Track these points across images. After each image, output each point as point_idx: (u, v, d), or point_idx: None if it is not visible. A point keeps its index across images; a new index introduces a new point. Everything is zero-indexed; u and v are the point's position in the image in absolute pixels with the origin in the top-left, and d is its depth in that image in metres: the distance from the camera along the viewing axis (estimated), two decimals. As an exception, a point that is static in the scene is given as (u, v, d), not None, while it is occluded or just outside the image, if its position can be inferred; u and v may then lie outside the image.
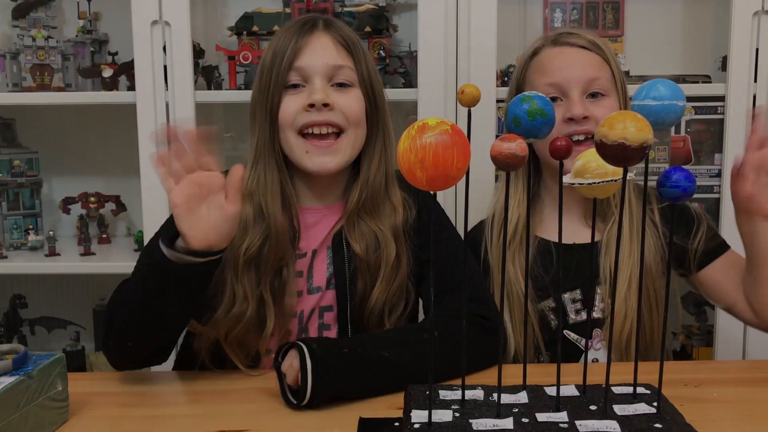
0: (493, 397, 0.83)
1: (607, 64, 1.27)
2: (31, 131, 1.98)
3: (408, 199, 1.20)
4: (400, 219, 1.17)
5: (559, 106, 1.25)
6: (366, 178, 1.17)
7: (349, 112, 1.14)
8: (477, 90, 0.74)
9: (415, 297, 1.19)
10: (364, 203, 1.16)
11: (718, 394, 1.02)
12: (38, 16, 1.81)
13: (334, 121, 1.12)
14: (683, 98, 0.74)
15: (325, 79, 1.14)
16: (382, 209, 1.17)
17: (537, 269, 1.26)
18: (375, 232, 1.15)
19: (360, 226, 1.16)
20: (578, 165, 0.81)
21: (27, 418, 0.84)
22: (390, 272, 1.15)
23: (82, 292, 2.05)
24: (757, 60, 1.63)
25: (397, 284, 1.15)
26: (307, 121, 1.12)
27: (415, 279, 1.19)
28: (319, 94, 1.11)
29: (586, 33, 1.30)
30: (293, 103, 1.13)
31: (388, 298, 1.15)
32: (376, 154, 1.18)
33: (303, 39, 1.14)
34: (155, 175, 0.97)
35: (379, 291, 1.14)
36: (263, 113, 1.14)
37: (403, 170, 0.70)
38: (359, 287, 1.15)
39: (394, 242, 1.15)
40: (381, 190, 1.17)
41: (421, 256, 1.20)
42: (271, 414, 0.94)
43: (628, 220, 1.25)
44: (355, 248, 1.15)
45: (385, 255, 1.15)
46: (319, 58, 1.13)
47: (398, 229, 1.17)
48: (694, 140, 1.74)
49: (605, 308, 1.26)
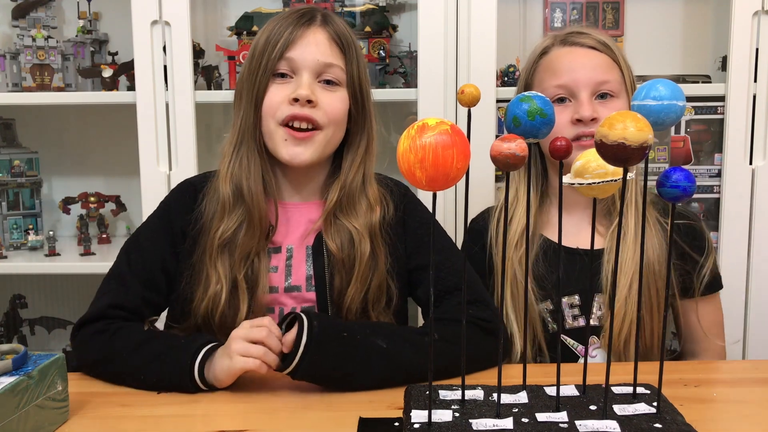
0: (493, 397, 0.83)
1: (617, 64, 1.27)
2: (31, 131, 1.98)
3: (386, 195, 1.21)
4: (377, 217, 1.18)
5: (567, 107, 1.25)
6: (345, 179, 1.18)
7: (331, 112, 1.15)
8: (477, 90, 0.74)
9: (399, 292, 1.19)
10: (341, 202, 1.17)
11: (718, 394, 1.02)
12: (38, 16, 1.81)
13: (314, 119, 1.13)
14: (683, 98, 0.74)
15: (313, 74, 1.14)
16: (359, 208, 1.18)
17: (540, 269, 1.26)
18: (350, 231, 1.16)
19: (335, 224, 1.17)
20: (578, 165, 0.81)
21: (27, 418, 0.84)
22: (365, 270, 1.15)
23: (82, 292, 2.05)
24: (757, 60, 1.63)
25: (375, 282, 1.16)
26: (288, 114, 1.13)
27: (398, 275, 1.19)
28: (304, 89, 1.12)
29: (596, 33, 1.29)
30: (278, 94, 1.14)
31: (369, 295, 1.15)
32: (358, 155, 1.19)
33: (298, 30, 1.14)
34: (155, 175, 0.98)
35: (354, 289, 1.15)
36: (249, 97, 1.15)
37: (402, 170, 0.70)
38: (336, 285, 1.16)
39: (369, 240, 1.16)
40: (358, 189, 1.18)
41: (409, 258, 1.21)
42: (271, 414, 0.94)
43: (634, 223, 1.25)
44: (330, 246, 1.16)
45: (360, 253, 1.15)
46: (311, 53, 1.14)
47: (374, 227, 1.17)
48: (694, 140, 1.74)
49: (603, 316, 1.26)
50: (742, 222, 1.66)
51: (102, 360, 1.07)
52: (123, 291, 1.14)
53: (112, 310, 1.12)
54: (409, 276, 1.22)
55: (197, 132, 1.68)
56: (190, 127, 1.67)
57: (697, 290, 1.28)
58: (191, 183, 1.24)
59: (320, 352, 0.97)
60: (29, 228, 1.86)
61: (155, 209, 1.23)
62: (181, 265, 1.16)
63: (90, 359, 1.09)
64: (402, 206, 1.22)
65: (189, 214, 1.17)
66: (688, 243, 1.28)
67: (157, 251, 1.16)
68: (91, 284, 2.01)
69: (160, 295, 1.17)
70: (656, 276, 1.25)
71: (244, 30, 1.75)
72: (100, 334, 1.08)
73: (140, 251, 1.17)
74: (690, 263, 1.28)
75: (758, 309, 1.67)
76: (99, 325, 1.10)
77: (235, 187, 1.14)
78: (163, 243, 1.17)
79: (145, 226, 1.22)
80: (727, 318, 1.37)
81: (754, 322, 1.67)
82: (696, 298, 1.29)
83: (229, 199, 1.14)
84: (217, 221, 1.15)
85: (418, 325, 1.38)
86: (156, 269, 1.16)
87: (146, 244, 1.18)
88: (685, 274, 1.28)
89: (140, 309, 1.14)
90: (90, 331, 1.09)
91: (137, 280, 1.15)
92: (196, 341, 1.03)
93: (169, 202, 1.23)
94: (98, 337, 1.08)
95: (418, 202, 1.27)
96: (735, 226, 1.66)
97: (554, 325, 1.26)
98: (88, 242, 1.82)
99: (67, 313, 2.02)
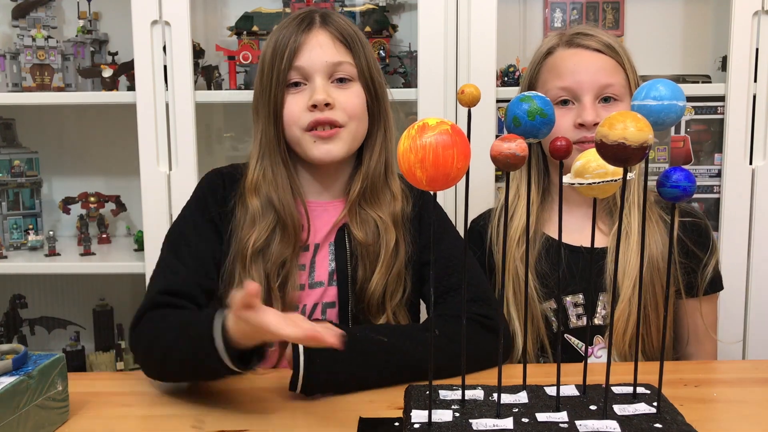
0: (493, 397, 0.83)
1: (622, 67, 1.26)
2: (31, 131, 1.98)
3: (406, 190, 1.22)
4: (399, 207, 1.20)
5: (570, 110, 1.24)
6: (367, 169, 1.19)
7: (350, 109, 1.16)
8: (477, 90, 0.74)
9: (412, 285, 1.20)
10: (364, 193, 1.19)
11: (718, 394, 1.02)
12: (38, 16, 1.81)
13: (336, 120, 1.15)
14: (683, 98, 0.74)
15: (325, 77, 1.15)
16: (382, 198, 1.19)
17: (543, 267, 1.26)
18: (375, 220, 1.18)
19: (361, 214, 1.19)
20: (578, 165, 0.80)
21: (27, 418, 0.84)
22: (389, 259, 1.17)
23: (82, 292, 2.05)
24: (757, 60, 1.63)
25: (395, 271, 1.17)
26: (311, 121, 1.14)
27: (413, 268, 1.20)
28: (320, 94, 1.13)
29: (602, 34, 1.28)
30: (296, 104, 1.15)
31: (388, 285, 1.17)
32: (377, 145, 1.20)
33: (301, 37, 1.15)
34: (155, 175, 0.97)
35: (378, 277, 1.16)
36: (266, 111, 1.16)
37: (403, 170, 0.70)
38: (359, 274, 1.17)
39: (393, 229, 1.18)
40: (381, 179, 1.20)
41: (421, 253, 1.21)
42: (271, 414, 0.94)
43: (637, 223, 1.25)
44: (357, 235, 1.17)
45: (385, 242, 1.17)
46: (318, 56, 1.15)
47: (397, 217, 1.19)
48: (694, 140, 1.74)
49: (607, 316, 1.25)
50: (742, 222, 1.66)
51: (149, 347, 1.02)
52: (172, 276, 1.10)
53: (163, 296, 1.07)
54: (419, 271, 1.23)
55: (197, 132, 1.68)
56: (190, 127, 1.67)
57: (701, 288, 1.28)
58: (221, 172, 1.23)
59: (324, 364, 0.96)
60: (29, 228, 1.86)
61: (189, 202, 1.20)
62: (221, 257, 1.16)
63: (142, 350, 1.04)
64: (420, 202, 1.23)
65: (224, 203, 1.17)
66: (694, 240, 1.28)
67: (202, 238, 1.15)
68: (91, 284, 2.04)
69: (212, 281, 1.14)
70: (661, 274, 1.24)
71: (244, 30, 1.75)
72: (150, 322, 1.04)
73: (184, 238, 1.15)
74: (695, 261, 1.28)
75: (758, 309, 1.67)
76: (150, 315, 1.05)
77: (264, 199, 1.15)
78: (206, 229, 1.16)
79: (182, 216, 1.19)
80: (727, 318, 1.37)
81: (754, 322, 1.67)
82: (699, 297, 1.29)
83: (259, 209, 1.15)
84: (248, 228, 1.14)
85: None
86: (205, 255, 1.14)
87: (189, 232, 1.15)
88: (690, 272, 1.28)
89: (194, 293, 1.10)
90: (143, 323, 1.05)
91: (186, 265, 1.11)
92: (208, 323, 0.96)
93: (203, 190, 1.21)
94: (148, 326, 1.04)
95: (435, 201, 1.27)
96: (735, 226, 1.67)
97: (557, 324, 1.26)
98: (88, 242, 1.82)
99: (67, 313, 2.02)
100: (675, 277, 1.26)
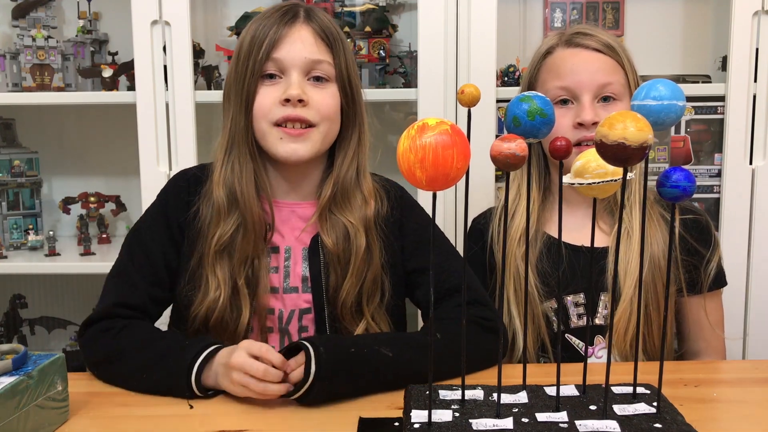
0: (493, 397, 0.83)
1: (621, 67, 1.26)
2: (31, 131, 1.98)
3: (380, 190, 1.21)
4: (372, 211, 1.18)
5: (570, 110, 1.24)
6: (338, 173, 1.17)
7: (324, 109, 1.14)
8: (477, 90, 0.74)
9: (392, 289, 1.18)
10: (335, 197, 1.17)
11: (718, 394, 1.02)
12: (38, 16, 1.81)
13: (307, 118, 1.13)
14: (683, 98, 0.74)
15: (302, 73, 1.13)
16: (353, 202, 1.17)
17: (544, 267, 1.26)
18: (345, 225, 1.16)
19: (331, 219, 1.17)
20: (578, 165, 0.81)
21: (27, 418, 0.84)
22: (361, 264, 1.14)
23: (82, 292, 2.05)
24: (757, 60, 1.63)
25: (371, 276, 1.15)
26: (281, 116, 1.12)
27: (395, 273, 1.19)
28: (295, 89, 1.11)
29: (602, 34, 1.28)
30: (268, 96, 1.13)
31: (363, 290, 1.15)
32: (351, 149, 1.18)
33: (283, 29, 1.13)
34: (155, 175, 0.98)
35: (350, 284, 1.14)
36: (238, 100, 1.14)
37: (402, 170, 0.70)
38: (332, 281, 1.15)
39: (364, 234, 1.16)
40: (352, 183, 1.18)
41: (408, 260, 1.20)
42: (271, 414, 0.94)
43: (638, 222, 1.25)
44: (327, 242, 1.15)
45: (355, 247, 1.15)
46: (298, 51, 1.13)
47: (369, 221, 1.17)
48: (694, 140, 1.74)
49: (608, 315, 1.25)
50: (742, 222, 1.66)
51: (107, 359, 1.06)
52: (128, 289, 1.13)
53: (118, 308, 1.11)
54: (407, 278, 1.21)
55: (197, 132, 1.68)
56: (190, 127, 1.67)
57: (705, 285, 1.28)
58: (186, 174, 1.23)
59: (330, 378, 0.95)
60: (29, 228, 1.86)
61: (153, 202, 1.22)
62: (181, 262, 1.16)
63: (96, 358, 1.08)
64: (399, 208, 1.22)
65: (186, 209, 1.17)
66: (695, 237, 1.28)
67: (159, 246, 1.16)
68: (91, 284, 2.04)
69: (165, 291, 1.17)
70: (663, 273, 1.24)
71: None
72: (105, 332, 1.08)
73: (142, 246, 1.16)
74: (697, 258, 1.28)
75: (758, 308, 1.67)
76: (105, 323, 1.09)
77: (229, 192, 1.14)
78: (164, 237, 1.17)
79: (144, 220, 1.21)
80: (727, 317, 1.37)
81: (754, 322, 1.67)
82: (704, 294, 1.29)
83: (224, 204, 1.14)
84: (213, 226, 1.14)
85: (418, 327, 1.38)
86: (159, 264, 1.16)
87: (147, 239, 1.17)
88: (693, 269, 1.28)
89: (146, 306, 1.14)
90: (96, 330, 1.09)
91: (141, 276, 1.14)
92: (199, 344, 1.02)
93: (167, 194, 1.22)
94: (104, 336, 1.08)
95: (416, 204, 1.27)
96: (735, 226, 1.66)
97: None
98: (88, 242, 1.82)
99: (67, 313, 2.02)
100: (677, 275, 1.26)
